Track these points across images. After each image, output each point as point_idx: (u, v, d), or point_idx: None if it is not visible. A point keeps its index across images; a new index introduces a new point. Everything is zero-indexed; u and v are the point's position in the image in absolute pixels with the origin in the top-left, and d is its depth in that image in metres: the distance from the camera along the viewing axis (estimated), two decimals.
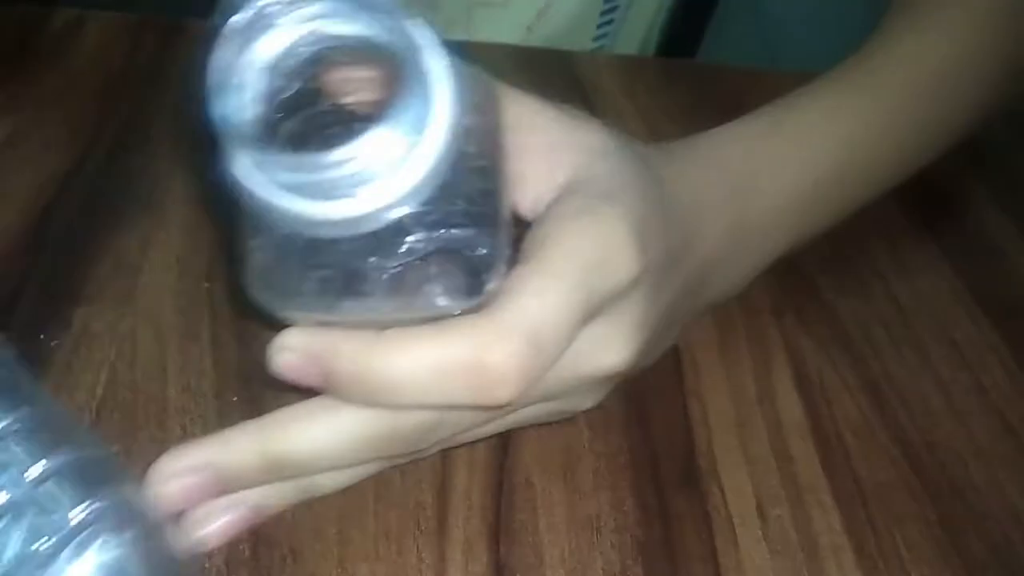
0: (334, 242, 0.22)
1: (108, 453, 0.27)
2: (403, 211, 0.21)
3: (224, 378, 0.33)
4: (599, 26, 0.64)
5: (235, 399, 0.32)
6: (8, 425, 0.24)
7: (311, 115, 0.23)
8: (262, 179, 0.21)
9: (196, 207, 0.40)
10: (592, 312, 0.26)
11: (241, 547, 0.28)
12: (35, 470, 0.23)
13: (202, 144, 0.22)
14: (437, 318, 0.24)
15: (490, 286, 0.24)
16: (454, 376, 0.24)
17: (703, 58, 0.68)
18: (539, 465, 0.32)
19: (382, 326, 0.25)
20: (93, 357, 0.33)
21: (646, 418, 0.34)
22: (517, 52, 0.55)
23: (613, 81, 0.53)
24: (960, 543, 0.32)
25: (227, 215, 0.24)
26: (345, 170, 0.20)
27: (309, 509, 0.29)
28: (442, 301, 0.23)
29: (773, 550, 0.31)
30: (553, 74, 0.53)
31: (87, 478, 0.24)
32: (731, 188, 0.34)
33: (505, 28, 0.61)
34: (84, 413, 0.31)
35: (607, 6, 0.63)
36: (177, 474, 0.26)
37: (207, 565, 0.28)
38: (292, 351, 0.25)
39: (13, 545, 0.22)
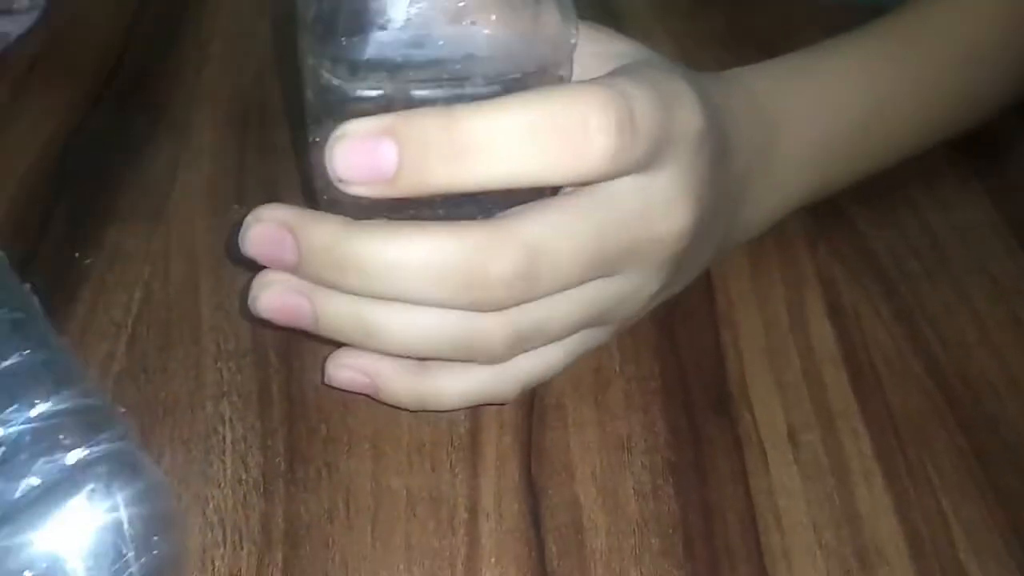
0: None
1: (114, 407, 0.26)
2: None
3: None
4: None
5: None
6: (17, 364, 0.24)
7: None
8: None
9: (224, 131, 0.40)
10: (668, 140, 0.25)
11: (277, 460, 0.29)
12: (39, 409, 0.23)
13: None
14: (524, 84, 0.24)
15: (573, 40, 0.23)
16: (548, 131, 0.22)
17: None
18: (570, 387, 0.32)
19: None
20: (127, 275, 0.33)
21: (677, 344, 0.34)
22: None
23: (645, 4, 0.52)
24: (992, 474, 0.32)
25: None
26: None
27: (344, 424, 0.29)
28: (547, 48, 0.23)
29: (804, 474, 0.31)
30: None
31: (90, 424, 0.23)
32: (760, 118, 0.34)
33: None
34: (120, 330, 0.31)
35: None
36: (265, 219, 0.24)
37: (243, 477, 0.28)
38: (354, 135, 0.22)
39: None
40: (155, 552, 0.21)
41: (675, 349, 0.34)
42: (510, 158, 0.23)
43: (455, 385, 0.27)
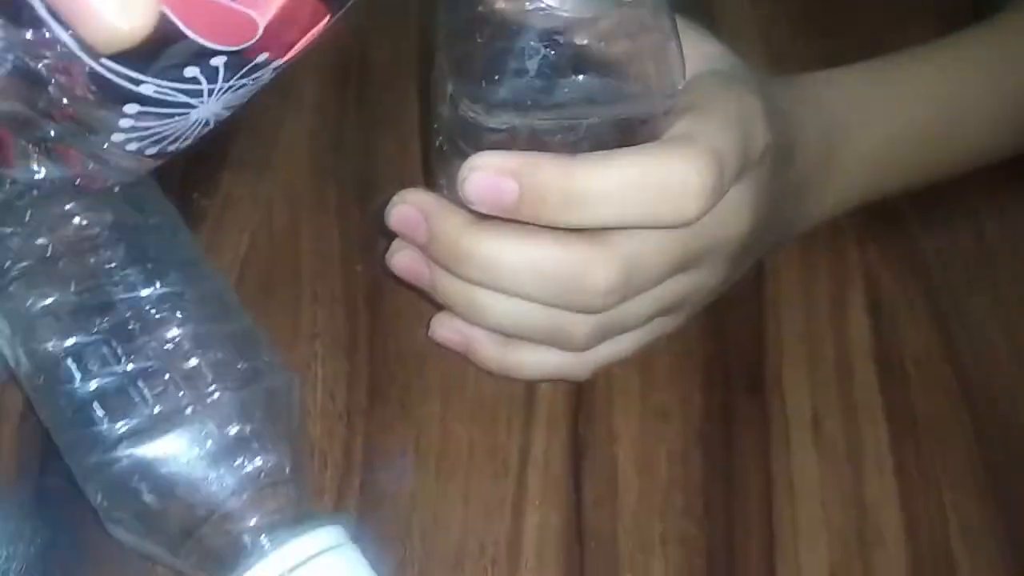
0: (568, 18, 0.24)
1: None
2: None
3: (348, 247, 0.37)
4: None
5: (359, 268, 0.37)
6: None
7: None
8: None
9: (326, 86, 0.43)
10: (743, 167, 0.28)
11: (359, 398, 0.33)
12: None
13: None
14: (625, 130, 0.27)
15: (680, 87, 0.26)
16: (653, 188, 0.26)
17: None
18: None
19: (570, 148, 0.26)
20: (238, 219, 0.37)
21: (723, 323, 0.37)
22: None
23: None
24: (998, 481, 0.34)
25: None
26: None
27: (419, 373, 0.34)
28: (655, 98, 0.26)
29: (822, 456, 0.34)
30: None
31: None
32: (823, 124, 0.36)
33: None
34: (231, 271, 0.36)
35: None
36: (408, 202, 0.28)
37: (331, 409, 0.33)
38: (487, 169, 0.26)
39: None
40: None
41: (721, 330, 0.37)
42: (615, 211, 0.26)
43: (536, 361, 0.31)
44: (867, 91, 0.38)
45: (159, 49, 0.20)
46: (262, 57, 0.22)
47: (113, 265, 0.27)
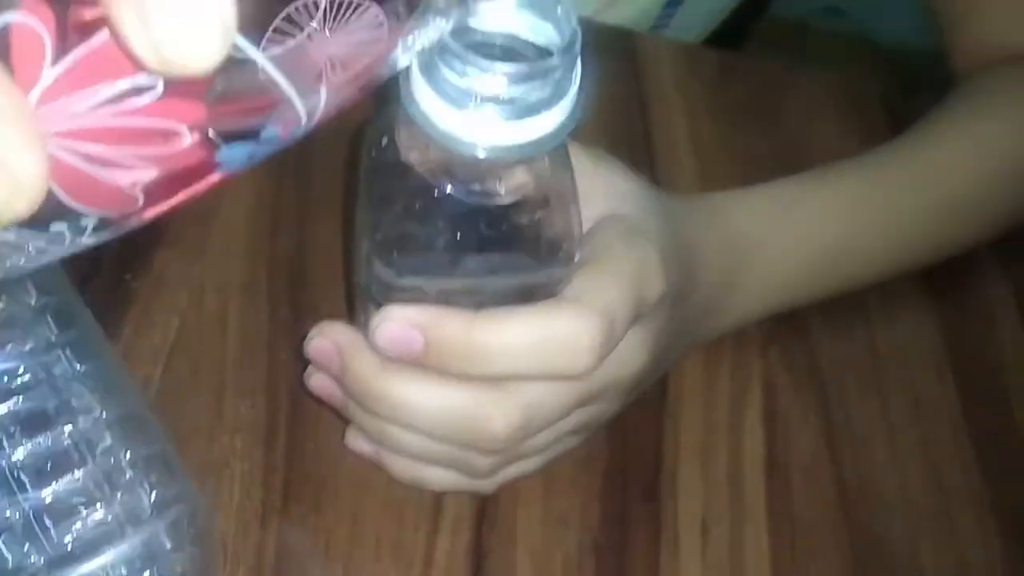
0: (479, 191, 0.25)
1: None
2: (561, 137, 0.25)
3: (276, 335, 0.39)
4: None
5: (284, 357, 0.38)
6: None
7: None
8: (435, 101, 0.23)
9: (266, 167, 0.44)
10: (636, 316, 0.31)
11: (274, 497, 0.35)
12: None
13: None
14: (526, 290, 0.29)
15: (576, 259, 0.29)
16: (547, 345, 0.28)
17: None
18: None
19: (473, 304, 0.28)
20: (168, 302, 0.38)
21: (626, 430, 0.39)
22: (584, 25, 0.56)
23: (670, 70, 0.55)
24: None
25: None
26: (541, 84, 0.23)
27: (333, 471, 0.35)
28: (555, 267, 0.28)
29: (706, 564, 0.37)
30: (613, 53, 0.55)
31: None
32: (728, 248, 0.38)
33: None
34: (159, 356, 0.37)
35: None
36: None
37: (247, 507, 0.34)
38: (397, 321, 0.28)
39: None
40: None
41: (623, 435, 0.39)
42: (512, 365, 0.29)
43: (442, 478, 0.33)
44: (773, 214, 0.40)
45: (35, 216, 0.20)
46: (137, 218, 0.22)
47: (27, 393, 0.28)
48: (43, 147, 0.16)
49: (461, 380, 0.29)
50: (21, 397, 0.27)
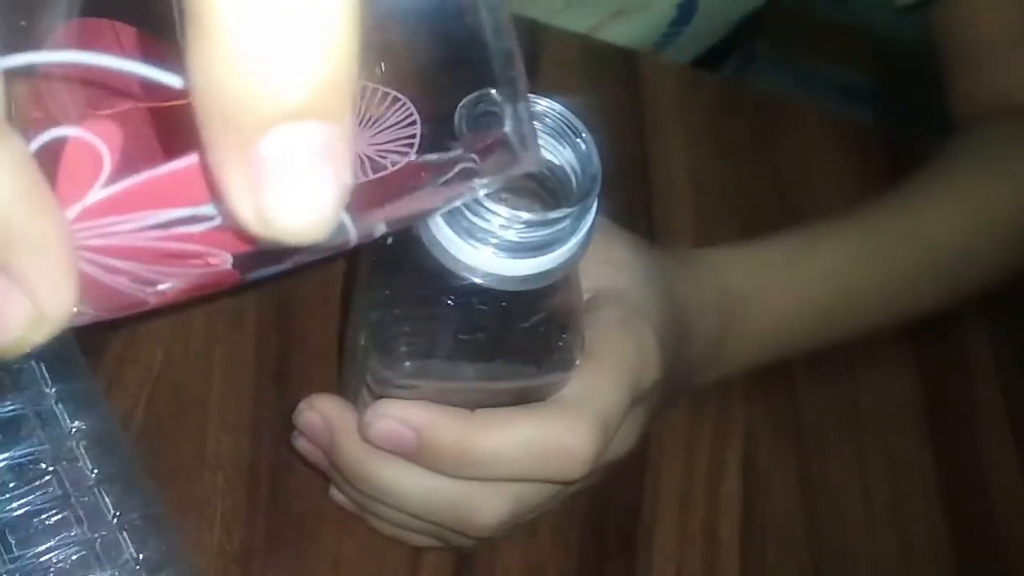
0: (483, 309, 0.25)
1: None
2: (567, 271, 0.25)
3: (261, 372, 0.38)
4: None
5: (268, 396, 0.38)
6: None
7: None
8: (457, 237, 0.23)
9: None
10: (632, 405, 0.30)
11: (257, 537, 0.35)
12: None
13: None
14: (525, 391, 0.28)
15: (578, 363, 0.28)
16: (542, 454, 0.28)
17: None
18: None
19: (469, 401, 0.28)
20: (153, 335, 0.38)
21: (606, 484, 0.40)
22: (586, 44, 0.56)
23: (672, 94, 0.54)
24: None
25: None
26: (555, 229, 0.23)
27: (316, 512, 0.35)
28: (547, 373, 0.28)
29: None
30: (616, 73, 0.54)
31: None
32: (724, 304, 0.38)
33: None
34: (143, 389, 0.36)
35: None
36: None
37: (227, 548, 0.34)
38: (392, 419, 0.28)
39: None
40: None
41: (604, 487, 0.39)
42: (505, 471, 0.28)
43: (427, 540, 0.33)
44: (769, 272, 0.40)
45: None
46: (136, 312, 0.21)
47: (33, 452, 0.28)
48: (76, 280, 0.15)
49: (439, 481, 0.29)
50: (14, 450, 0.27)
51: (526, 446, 0.28)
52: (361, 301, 0.27)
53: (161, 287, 0.19)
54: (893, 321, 0.45)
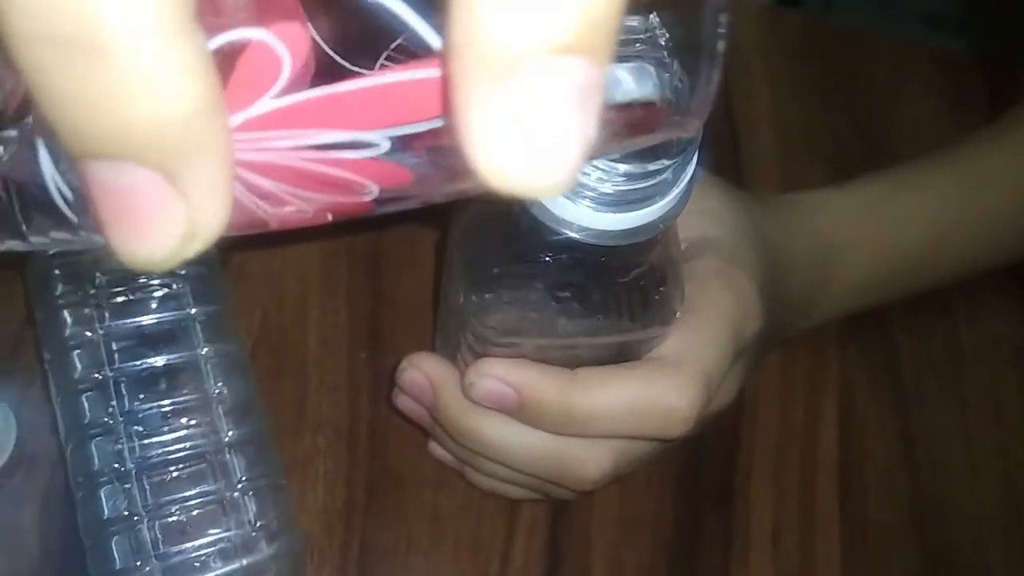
0: (583, 264, 0.25)
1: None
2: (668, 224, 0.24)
3: (355, 333, 0.39)
4: None
5: (363, 356, 0.39)
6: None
7: None
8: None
9: None
10: (735, 362, 0.30)
11: (358, 494, 0.36)
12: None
13: None
14: (624, 346, 0.28)
15: (678, 315, 0.28)
16: (644, 413, 0.28)
17: None
18: None
19: (568, 357, 0.28)
20: (250, 296, 0.39)
21: (701, 436, 0.39)
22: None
23: (753, 34, 0.53)
24: None
25: None
26: (653, 182, 0.23)
27: (414, 468, 0.36)
28: (649, 327, 0.27)
29: (777, 571, 0.37)
30: (689, 16, 0.52)
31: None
32: (817, 251, 0.37)
33: None
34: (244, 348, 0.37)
35: None
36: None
37: (330, 506, 0.35)
38: (494, 379, 0.28)
39: None
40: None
41: (699, 439, 0.39)
42: (606, 429, 0.28)
43: (525, 493, 0.33)
44: (860, 216, 0.39)
45: None
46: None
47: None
48: (231, 192, 0.13)
49: (539, 435, 0.29)
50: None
51: (628, 405, 0.28)
52: (458, 260, 0.27)
53: (288, 209, 0.17)
54: (990, 264, 0.43)
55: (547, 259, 0.25)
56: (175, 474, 0.29)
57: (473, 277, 0.26)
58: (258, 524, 0.29)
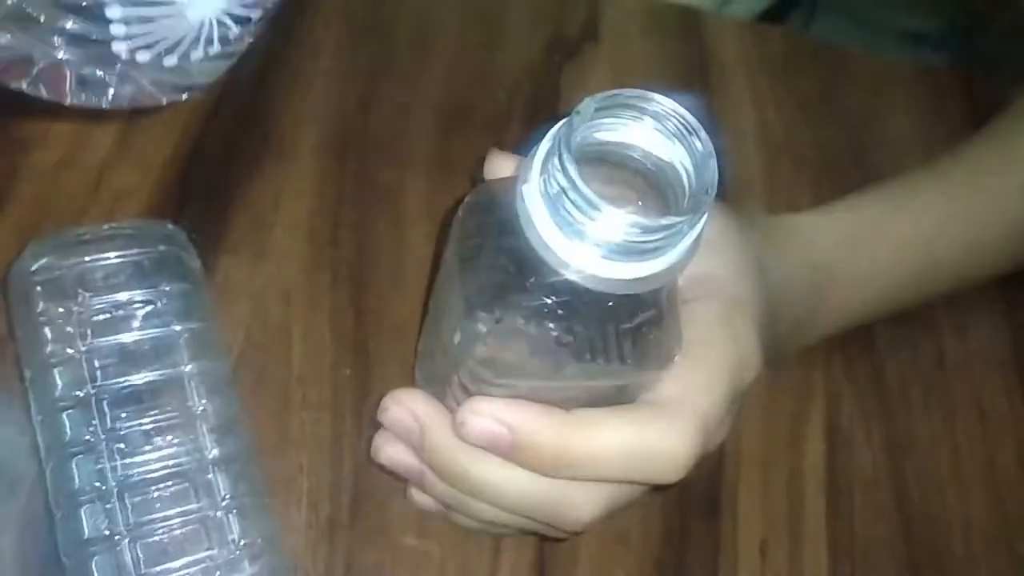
0: (586, 307, 0.24)
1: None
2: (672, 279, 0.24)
3: (339, 349, 0.39)
4: None
5: (348, 372, 0.38)
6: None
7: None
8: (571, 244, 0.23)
9: (327, 156, 0.43)
10: (732, 404, 0.30)
11: (341, 512, 0.35)
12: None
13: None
14: (619, 388, 0.28)
15: (676, 359, 0.28)
16: (640, 457, 0.27)
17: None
18: None
19: (562, 398, 0.28)
20: (233, 311, 0.39)
21: None
22: (647, 6, 0.54)
23: (736, 51, 0.53)
24: None
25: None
26: (663, 236, 0.23)
27: (397, 485, 0.36)
28: (647, 370, 0.27)
29: None
30: (678, 35, 0.53)
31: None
32: (811, 275, 0.37)
33: None
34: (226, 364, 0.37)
35: None
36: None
37: (313, 523, 0.35)
38: (488, 418, 0.27)
39: None
40: None
41: None
42: (602, 473, 0.28)
43: (512, 532, 0.33)
44: (855, 239, 0.39)
45: None
46: None
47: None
48: None
49: (528, 478, 0.28)
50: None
51: (624, 450, 0.27)
52: (455, 300, 0.27)
53: None
54: (979, 280, 0.43)
55: (550, 302, 0.24)
56: (157, 493, 0.28)
57: (474, 317, 0.26)
58: (242, 543, 0.29)
